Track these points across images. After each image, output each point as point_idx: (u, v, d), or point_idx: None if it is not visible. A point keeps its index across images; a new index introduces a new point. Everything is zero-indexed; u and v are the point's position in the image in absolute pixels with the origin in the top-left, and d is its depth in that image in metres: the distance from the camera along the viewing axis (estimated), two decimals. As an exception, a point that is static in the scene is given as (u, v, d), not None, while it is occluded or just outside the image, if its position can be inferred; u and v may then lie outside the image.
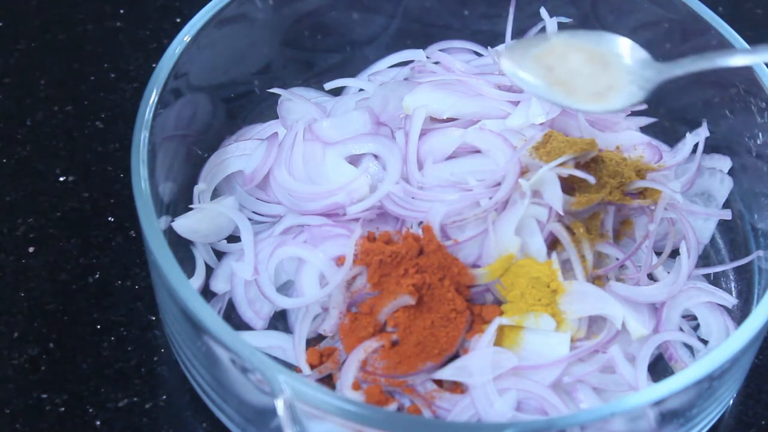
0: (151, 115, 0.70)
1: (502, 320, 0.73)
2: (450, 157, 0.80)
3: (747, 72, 0.75)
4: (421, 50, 0.92)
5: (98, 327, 0.79)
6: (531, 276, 0.73)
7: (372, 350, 0.73)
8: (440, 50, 0.91)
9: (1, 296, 0.80)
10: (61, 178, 0.87)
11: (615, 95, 0.69)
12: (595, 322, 0.74)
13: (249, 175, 0.81)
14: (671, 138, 0.89)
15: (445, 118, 0.81)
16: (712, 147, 0.85)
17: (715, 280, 0.82)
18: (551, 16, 0.88)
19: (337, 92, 0.91)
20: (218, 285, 0.79)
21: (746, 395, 0.79)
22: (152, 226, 0.65)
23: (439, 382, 0.74)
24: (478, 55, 0.93)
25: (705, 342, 0.77)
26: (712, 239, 0.84)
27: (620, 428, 0.61)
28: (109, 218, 0.85)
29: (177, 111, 0.77)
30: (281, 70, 0.90)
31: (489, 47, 0.91)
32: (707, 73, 0.64)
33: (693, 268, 0.77)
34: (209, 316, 0.61)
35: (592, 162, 0.76)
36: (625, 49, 0.71)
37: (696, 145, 0.83)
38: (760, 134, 0.78)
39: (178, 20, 1.00)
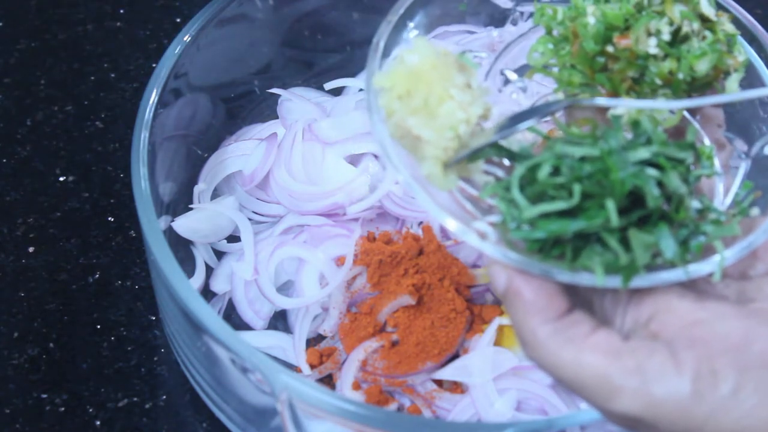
0: (151, 115, 0.70)
1: (502, 320, 0.73)
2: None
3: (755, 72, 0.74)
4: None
5: (98, 327, 0.79)
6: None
7: (372, 350, 0.73)
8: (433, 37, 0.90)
9: (1, 296, 0.80)
10: (61, 178, 0.87)
11: None
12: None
13: (248, 175, 0.81)
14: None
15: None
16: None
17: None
18: None
19: (337, 92, 0.91)
20: (218, 285, 0.79)
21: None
22: (152, 226, 0.65)
23: (439, 382, 0.74)
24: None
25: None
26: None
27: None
28: (109, 218, 0.85)
29: (177, 111, 0.77)
30: (281, 70, 0.90)
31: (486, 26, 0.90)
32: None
33: None
34: (209, 316, 0.61)
35: None
36: None
37: None
38: (764, 127, 0.78)
39: (178, 20, 1.00)
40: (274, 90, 0.87)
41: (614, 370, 0.43)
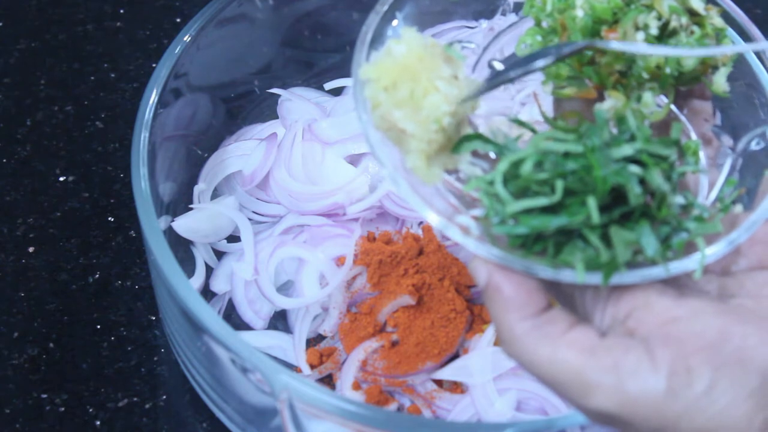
0: (151, 115, 0.70)
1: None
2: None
3: (748, 68, 0.74)
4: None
5: (98, 327, 0.79)
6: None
7: (372, 350, 0.73)
8: (432, 35, 0.90)
9: (1, 296, 0.80)
10: (61, 178, 0.87)
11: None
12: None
13: (248, 175, 0.81)
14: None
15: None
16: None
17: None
18: None
19: (337, 92, 0.91)
20: (218, 285, 0.79)
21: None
22: (152, 226, 0.65)
23: (439, 382, 0.74)
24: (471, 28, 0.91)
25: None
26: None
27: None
28: (109, 218, 0.85)
29: (177, 111, 0.77)
30: (281, 70, 0.90)
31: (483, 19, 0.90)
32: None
33: None
34: (209, 316, 0.61)
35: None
36: None
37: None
38: (751, 122, 0.77)
39: (178, 20, 1.00)
40: (274, 90, 0.87)
41: (590, 368, 0.43)
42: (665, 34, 0.51)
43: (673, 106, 0.54)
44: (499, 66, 0.62)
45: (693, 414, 0.42)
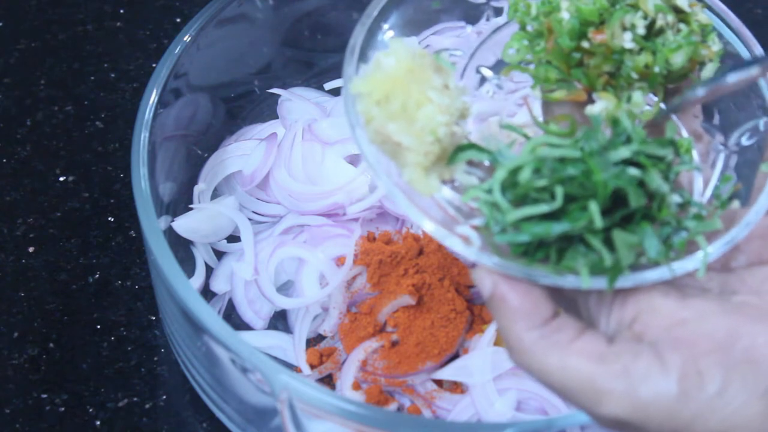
0: (151, 115, 0.70)
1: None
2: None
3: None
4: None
5: (98, 327, 0.79)
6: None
7: (372, 350, 0.73)
8: (432, 35, 0.90)
9: (1, 296, 0.80)
10: (61, 178, 0.87)
11: None
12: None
13: (248, 175, 0.81)
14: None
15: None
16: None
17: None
18: None
19: (337, 92, 0.91)
20: (218, 285, 0.79)
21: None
22: (152, 226, 0.65)
23: (439, 382, 0.74)
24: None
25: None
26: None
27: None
28: (109, 218, 0.85)
29: (177, 111, 0.77)
30: (281, 70, 0.90)
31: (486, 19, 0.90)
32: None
33: None
34: (209, 316, 0.61)
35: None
36: None
37: None
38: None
39: (178, 20, 1.00)
40: (274, 90, 0.87)
41: (600, 375, 0.43)
42: (652, 33, 0.51)
43: (663, 105, 0.55)
44: (487, 72, 0.62)
45: (706, 416, 0.42)
